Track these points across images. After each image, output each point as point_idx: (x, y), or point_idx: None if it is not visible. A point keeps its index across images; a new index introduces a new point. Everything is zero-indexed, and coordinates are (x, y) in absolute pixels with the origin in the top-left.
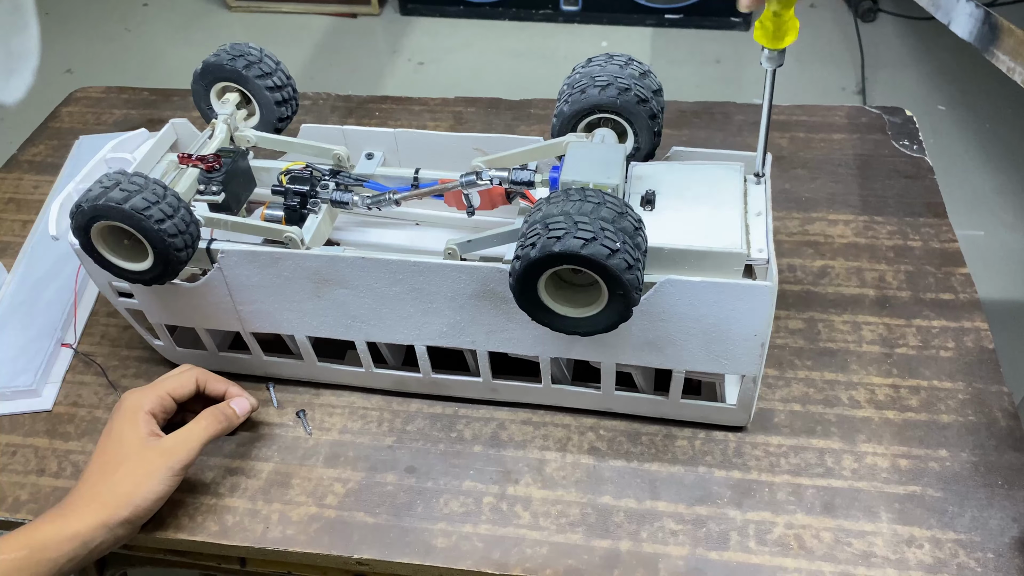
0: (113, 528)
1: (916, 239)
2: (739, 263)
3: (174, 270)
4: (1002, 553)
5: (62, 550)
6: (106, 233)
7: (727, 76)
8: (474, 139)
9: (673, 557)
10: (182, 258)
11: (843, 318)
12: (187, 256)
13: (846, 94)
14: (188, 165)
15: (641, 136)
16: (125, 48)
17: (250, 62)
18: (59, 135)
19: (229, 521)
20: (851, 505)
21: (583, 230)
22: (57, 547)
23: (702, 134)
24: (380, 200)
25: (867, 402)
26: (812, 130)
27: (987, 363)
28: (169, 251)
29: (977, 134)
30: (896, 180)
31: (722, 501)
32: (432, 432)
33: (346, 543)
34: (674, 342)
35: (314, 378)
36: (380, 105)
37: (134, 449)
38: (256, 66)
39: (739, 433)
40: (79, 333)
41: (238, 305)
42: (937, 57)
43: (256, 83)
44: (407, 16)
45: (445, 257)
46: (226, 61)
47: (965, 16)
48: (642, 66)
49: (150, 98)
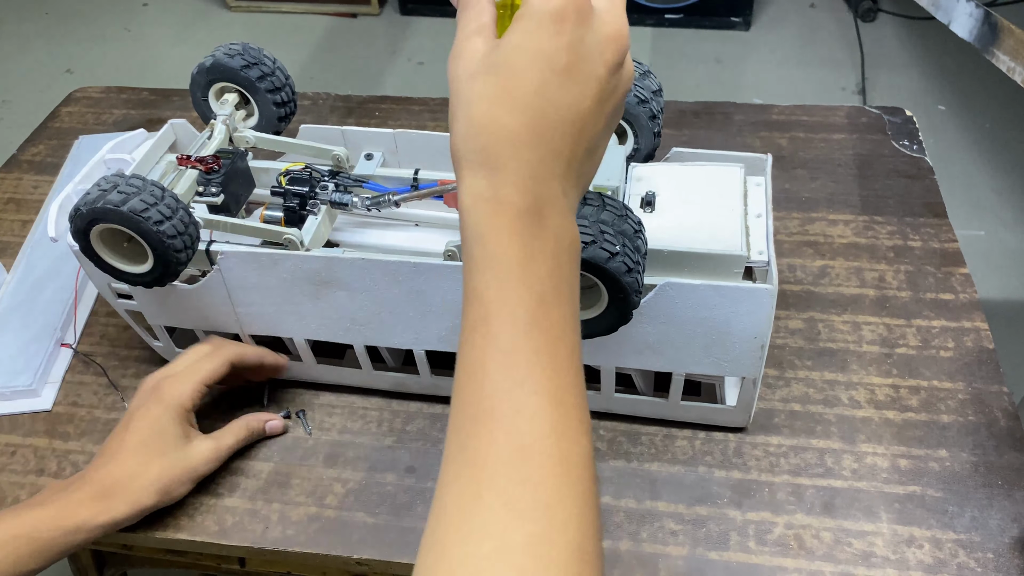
0: (132, 516)
1: (916, 239)
2: (739, 265)
3: (174, 272)
4: (1002, 553)
5: (92, 534)
6: (106, 236)
7: (727, 76)
8: None
9: (673, 557)
10: (182, 259)
11: (843, 318)
12: (187, 257)
13: (846, 94)
14: (187, 166)
15: (641, 137)
16: (125, 48)
17: (249, 62)
18: (59, 135)
19: (229, 521)
20: (851, 505)
21: (582, 233)
22: (89, 532)
23: (702, 134)
24: (380, 201)
25: (867, 402)
26: (812, 130)
27: (987, 363)
28: (169, 253)
29: (977, 134)
30: (896, 180)
31: (722, 501)
32: (432, 432)
33: (346, 543)
34: (674, 345)
35: (313, 379)
36: (380, 105)
37: (175, 446)
38: (255, 67)
39: (739, 433)
40: (79, 333)
41: (237, 307)
42: (937, 57)
43: (255, 84)
44: (407, 16)
45: (445, 258)
46: (224, 61)
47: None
48: (642, 66)
49: (150, 98)
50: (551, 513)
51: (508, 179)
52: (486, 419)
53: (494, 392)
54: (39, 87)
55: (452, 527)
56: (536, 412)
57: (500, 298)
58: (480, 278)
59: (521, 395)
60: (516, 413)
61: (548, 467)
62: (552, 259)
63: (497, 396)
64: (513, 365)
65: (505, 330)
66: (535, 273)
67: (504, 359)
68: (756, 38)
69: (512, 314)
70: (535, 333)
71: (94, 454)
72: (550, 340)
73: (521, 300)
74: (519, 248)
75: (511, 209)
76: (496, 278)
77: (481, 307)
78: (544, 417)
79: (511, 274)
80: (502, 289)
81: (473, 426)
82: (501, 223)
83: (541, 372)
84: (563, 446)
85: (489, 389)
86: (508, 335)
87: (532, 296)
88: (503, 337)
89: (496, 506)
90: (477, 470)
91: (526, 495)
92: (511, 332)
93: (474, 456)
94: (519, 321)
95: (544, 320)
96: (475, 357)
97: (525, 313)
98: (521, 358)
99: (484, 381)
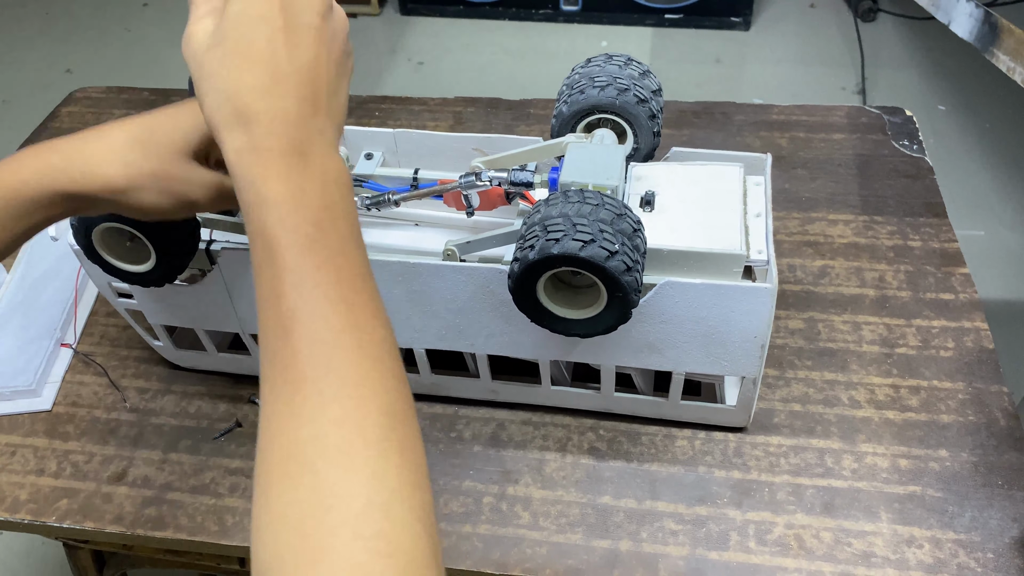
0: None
1: (916, 239)
2: (738, 264)
3: (175, 271)
4: (1002, 553)
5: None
6: (107, 235)
7: (727, 76)
8: (473, 139)
9: (673, 557)
10: (184, 258)
11: (843, 318)
12: (189, 256)
13: (846, 94)
14: None
15: (641, 136)
16: (125, 48)
17: None
18: (59, 135)
19: (229, 521)
20: (851, 505)
21: (582, 232)
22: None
23: (702, 134)
24: (379, 200)
25: (867, 402)
26: (812, 130)
27: (987, 363)
28: (172, 251)
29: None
30: (896, 180)
31: (722, 501)
32: (432, 432)
33: None
34: (674, 344)
35: None
36: (380, 105)
37: None
38: None
39: (739, 433)
40: (79, 333)
41: (237, 306)
42: (937, 57)
43: None
44: (407, 16)
45: (444, 258)
46: None
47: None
48: (641, 66)
49: (150, 98)
50: (358, 391)
51: (263, 129)
52: (287, 332)
53: (290, 307)
54: (39, 87)
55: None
56: (328, 313)
57: (280, 230)
58: (258, 218)
59: (312, 303)
60: (311, 318)
61: (348, 355)
62: (321, 189)
63: (293, 309)
64: (301, 282)
65: (290, 254)
66: (307, 205)
67: (293, 278)
68: (756, 38)
69: (293, 240)
70: (317, 250)
71: (94, 454)
72: (331, 255)
73: (298, 227)
74: (288, 184)
75: (273, 153)
76: (272, 215)
77: (264, 242)
78: (337, 315)
79: (285, 207)
80: (280, 222)
81: (277, 341)
82: (267, 167)
83: (327, 281)
84: (358, 336)
85: (285, 307)
86: (293, 257)
87: (308, 222)
88: (288, 259)
89: (310, 395)
90: (289, 372)
91: (333, 381)
92: (295, 254)
93: (283, 362)
94: (300, 244)
95: (323, 240)
96: (269, 287)
97: (304, 237)
98: (307, 274)
99: (280, 302)
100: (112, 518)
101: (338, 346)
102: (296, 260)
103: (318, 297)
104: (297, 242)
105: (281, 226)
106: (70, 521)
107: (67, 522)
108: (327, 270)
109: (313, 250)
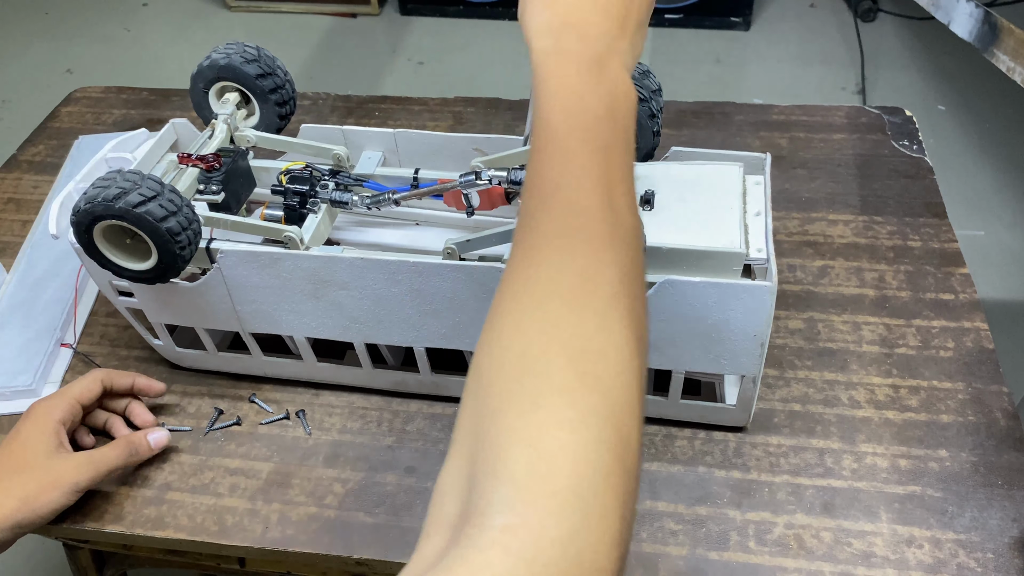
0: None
1: (916, 239)
2: (738, 263)
3: (176, 268)
4: (1002, 553)
5: None
6: (108, 233)
7: (727, 76)
8: (474, 139)
9: (673, 557)
10: (184, 256)
11: (843, 318)
12: (189, 254)
13: (846, 94)
14: (188, 165)
15: (640, 136)
16: (125, 48)
17: (247, 60)
18: (59, 135)
19: (229, 521)
20: (851, 505)
21: None
22: None
23: (702, 134)
24: (380, 200)
25: (867, 402)
26: (812, 130)
27: (987, 363)
28: (172, 248)
29: (977, 134)
30: (896, 180)
31: (722, 501)
32: (432, 432)
33: (346, 543)
34: (673, 342)
35: (313, 378)
36: (380, 105)
37: (43, 458)
38: (254, 63)
39: (739, 433)
40: (79, 333)
41: (237, 305)
42: (937, 57)
43: (255, 82)
44: (407, 16)
45: (444, 257)
46: (224, 60)
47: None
48: (641, 66)
49: (150, 98)
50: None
51: (572, 35)
52: (547, 199)
53: (555, 181)
54: (39, 87)
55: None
56: (590, 190)
57: (561, 117)
58: (545, 108)
59: (576, 180)
60: (572, 190)
61: (599, 227)
62: (609, 98)
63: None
64: (570, 162)
65: (566, 140)
66: (591, 105)
67: (563, 159)
68: (756, 38)
69: (571, 128)
70: (591, 139)
71: None
72: (603, 148)
73: (578, 119)
74: (578, 83)
75: (572, 55)
76: (557, 104)
77: (547, 130)
78: (596, 195)
79: (571, 100)
80: (564, 111)
81: (537, 208)
82: (565, 67)
83: (594, 166)
84: (613, 217)
85: (550, 182)
86: (568, 142)
87: (589, 116)
88: (563, 144)
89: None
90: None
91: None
92: (571, 140)
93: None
94: (578, 135)
95: (599, 135)
96: (540, 167)
97: (581, 129)
98: (578, 158)
99: (546, 178)
100: (112, 518)
101: (592, 218)
102: (571, 145)
103: (582, 177)
104: (574, 131)
105: (564, 114)
106: (70, 521)
107: (67, 522)
108: (597, 159)
109: (587, 139)
